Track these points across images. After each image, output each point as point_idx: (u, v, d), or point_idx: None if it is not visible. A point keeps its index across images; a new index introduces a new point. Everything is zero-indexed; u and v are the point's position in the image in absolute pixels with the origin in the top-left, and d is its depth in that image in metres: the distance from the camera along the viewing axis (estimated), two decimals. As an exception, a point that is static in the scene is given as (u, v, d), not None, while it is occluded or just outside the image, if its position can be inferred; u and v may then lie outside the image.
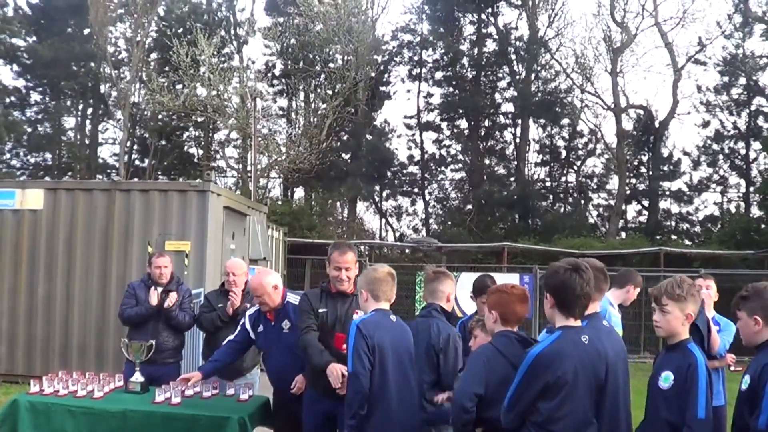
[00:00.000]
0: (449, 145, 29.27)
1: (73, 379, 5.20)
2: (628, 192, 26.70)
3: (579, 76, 26.71)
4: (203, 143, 29.86)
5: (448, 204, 29.43)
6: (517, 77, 28.13)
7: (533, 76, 27.72)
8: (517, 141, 28.47)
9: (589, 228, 26.04)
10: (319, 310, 4.74)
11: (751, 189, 25.58)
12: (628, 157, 26.56)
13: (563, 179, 29.43)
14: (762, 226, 20.63)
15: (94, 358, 9.79)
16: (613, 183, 27.61)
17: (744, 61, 25.66)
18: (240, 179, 27.91)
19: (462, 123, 29.03)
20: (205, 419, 4.71)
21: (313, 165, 23.55)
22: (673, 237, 25.65)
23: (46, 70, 27.83)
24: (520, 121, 28.14)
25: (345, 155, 27.82)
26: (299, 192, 28.99)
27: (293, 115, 28.13)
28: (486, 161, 28.97)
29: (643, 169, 27.78)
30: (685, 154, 27.39)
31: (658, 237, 23.78)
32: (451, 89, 28.80)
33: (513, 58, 28.20)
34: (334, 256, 4.77)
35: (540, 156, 29.01)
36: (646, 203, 27.51)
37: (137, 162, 29.91)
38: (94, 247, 10.02)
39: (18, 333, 10.05)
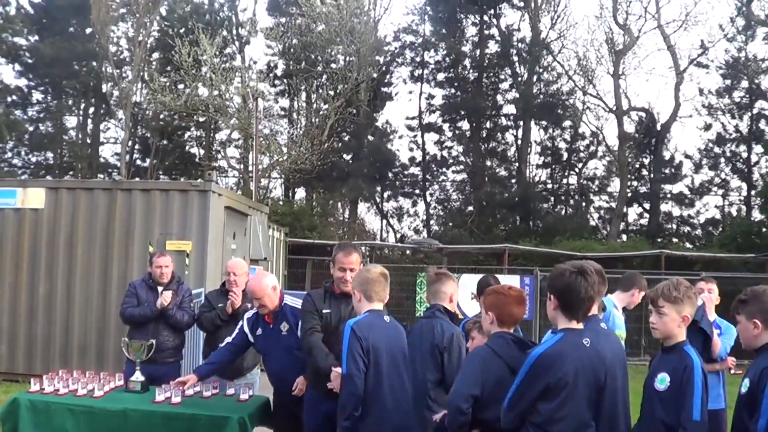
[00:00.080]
0: (451, 147, 29.30)
1: (74, 378, 5.20)
2: (629, 194, 26.69)
3: (581, 78, 26.71)
4: (205, 143, 29.88)
5: (449, 205, 29.42)
6: (519, 79, 28.13)
7: (535, 78, 27.70)
8: (519, 143, 28.47)
9: (590, 230, 26.03)
10: (323, 310, 4.75)
11: (753, 192, 25.56)
12: (629, 160, 26.54)
13: (564, 181, 29.43)
14: (763, 229, 20.61)
15: (94, 357, 9.80)
16: (615, 185, 27.66)
17: (746, 65, 25.63)
18: (241, 179, 27.95)
19: (463, 124, 29.03)
20: (205, 419, 4.72)
21: (315, 165, 23.55)
22: (674, 240, 25.62)
23: (48, 69, 27.84)
24: (521, 123, 28.13)
25: (346, 156, 27.82)
26: (300, 192, 29.06)
27: (295, 116, 28.14)
28: (487, 163, 28.97)
29: (645, 172, 27.76)
30: (687, 157, 27.41)
31: (659, 240, 23.73)
32: (453, 90, 28.80)
33: (515, 59, 28.20)
34: (339, 256, 4.77)
35: (541, 158, 29.06)
36: (647, 206, 27.49)
37: (138, 162, 29.95)
38: (95, 247, 10.02)
39: (19, 332, 10.07)
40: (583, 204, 28.56)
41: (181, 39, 23.43)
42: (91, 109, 31.12)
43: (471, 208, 27.64)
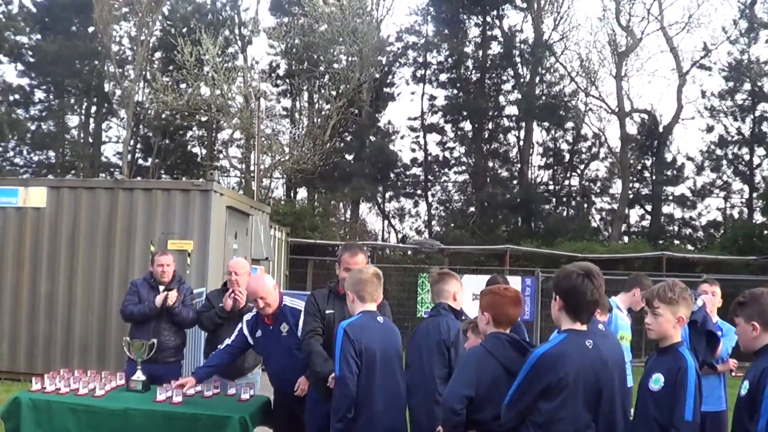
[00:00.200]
0: (453, 148, 29.24)
1: (75, 378, 5.21)
2: (631, 196, 26.67)
3: (583, 79, 26.69)
4: (207, 143, 29.88)
5: (450, 206, 29.40)
6: (522, 80, 28.11)
7: (538, 79, 27.67)
8: (521, 144, 28.43)
9: (592, 232, 26.00)
10: (326, 311, 4.77)
11: (754, 195, 25.51)
12: (631, 162, 26.53)
13: (566, 183, 29.38)
14: (765, 231, 20.58)
15: (95, 356, 9.81)
16: (617, 187, 27.61)
17: (749, 67, 25.59)
18: (243, 179, 27.96)
19: (466, 125, 28.98)
20: (206, 418, 4.73)
21: (317, 166, 23.55)
22: (676, 242, 25.61)
23: (50, 68, 27.81)
24: (524, 124, 28.09)
25: (348, 156, 27.81)
26: (302, 192, 29.04)
27: (297, 116, 28.14)
28: (489, 164, 28.94)
29: (647, 174, 27.73)
30: (689, 159, 27.35)
31: (660, 242, 23.73)
32: (456, 91, 28.76)
33: (518, 61, 28.18)
34: (344, 257, 4.78)
35: (543, 159, 29.00)
36: (649, 208, 27.45)
37: (140, 161, 29.94)
38: (96, 246, 10.04)
39: (20, 331, 10.08)
40: (585, 205, 28.55)
41: (184, 38, 23.43)
42: (93, 108, 31.11)
43: (472, 209, 27.60)
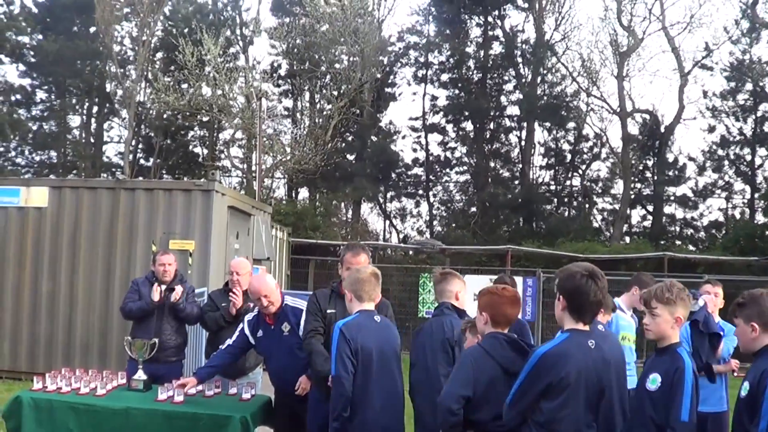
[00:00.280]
0: (454, 148, 29.22)
1: (76, 377, 5.22)
2: (632, 196, 26.64)
3: (585, 79, 26.63)
4: (208, 143, 29.90)
5: (452, 206, 29.39)
6: (523, 80, 28.09)
7: (539, 79, 27.63)
8: (522, 144, 28.40)
9: (593, 232, 25.97)
10: (328, 310, 4.77)
11: (756, 195, 25.46)
12: (633, 162, 26.49)
13: (568, 183, 29.33)
14: (766, 232, 20.55)
15: (97, 355, 9.83)
16: (618, 187, 27.54)
17: (751, 67, 25.56)
18: (245, 179, 27.98)
19: (467, 125, 28.96)
20: (207, 418, 4.73)
21: (318, 166, 23.53)
22: (677, 242, 25.57)
23: (51, 68, 27.83)
24: (525, 125, 28.05)
25: (350, 156, 27.81)
26: (303, 192, 29.06)
27: (298, 116, 28.13)
28: (491, 164, 28.91)
29: (648, 174, 27.70)
30: (691, 159, 27.28)
31: (662, 242, 23.71)
32: (457, 91, 28.74)
33: (519, 61, 28.14)
34: (347, 257, 4.80)
35: (545, 159, 28.95)
36: (650, 208, 27.41)
37: (142, 161, 29.99)
38: (98, 246, 10.06)
39: (21, 330, 10.10)
40: (587, 206, 28.51)
41: (185, 39, 23.45)
42: (95, 109, 31.14)
43: (474, 209, 27.60)
